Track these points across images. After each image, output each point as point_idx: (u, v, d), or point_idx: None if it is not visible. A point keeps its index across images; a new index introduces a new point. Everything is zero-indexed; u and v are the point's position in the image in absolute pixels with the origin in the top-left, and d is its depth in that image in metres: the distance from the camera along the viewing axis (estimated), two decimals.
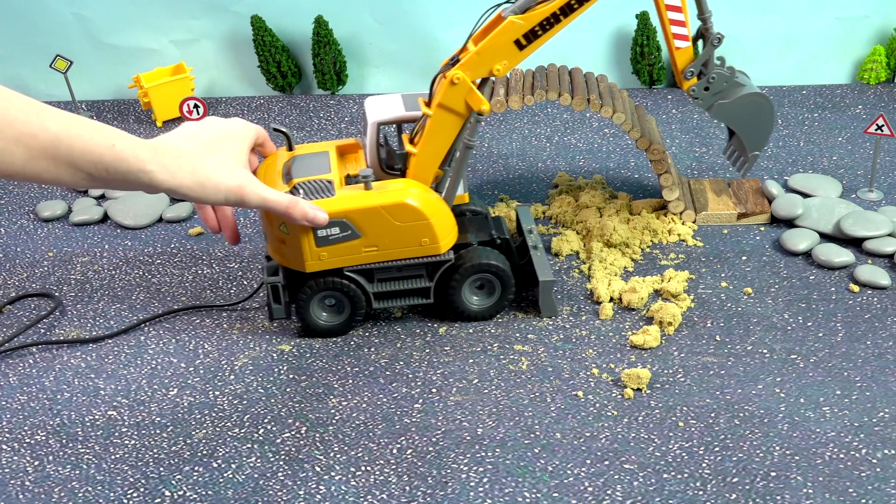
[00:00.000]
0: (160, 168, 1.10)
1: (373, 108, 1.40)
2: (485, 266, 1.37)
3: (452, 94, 1.32)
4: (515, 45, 1.32)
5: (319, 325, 1.38)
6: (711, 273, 1.53)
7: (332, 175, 1.34)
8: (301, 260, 1.31)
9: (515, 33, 1.31)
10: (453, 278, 1.38)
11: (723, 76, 1.48)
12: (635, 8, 2.19)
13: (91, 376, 1.35)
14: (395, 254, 1.33)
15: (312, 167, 1.37)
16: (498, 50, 1.32)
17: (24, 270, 1.62)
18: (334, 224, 1.29)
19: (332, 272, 1.34)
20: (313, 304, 1.36)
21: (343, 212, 1.28)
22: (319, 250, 1.30)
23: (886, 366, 1.30)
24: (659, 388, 1.28)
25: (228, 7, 2.28)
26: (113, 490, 1.14)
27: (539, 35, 1.32)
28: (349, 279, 1.35)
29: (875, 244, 1.55)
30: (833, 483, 1.11)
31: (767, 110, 1.51)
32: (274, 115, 2.23)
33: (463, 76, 1.31)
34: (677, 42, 1.45)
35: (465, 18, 2.28)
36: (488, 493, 1.11)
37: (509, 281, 1.40)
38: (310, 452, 1.19)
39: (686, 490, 1.11)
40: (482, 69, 1.33)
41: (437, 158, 1.37)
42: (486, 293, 1.42)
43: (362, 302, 1.37)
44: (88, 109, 2.31)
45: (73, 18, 2.29)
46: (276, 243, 1.33)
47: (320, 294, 1.35)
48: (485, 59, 1.32)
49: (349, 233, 1.30)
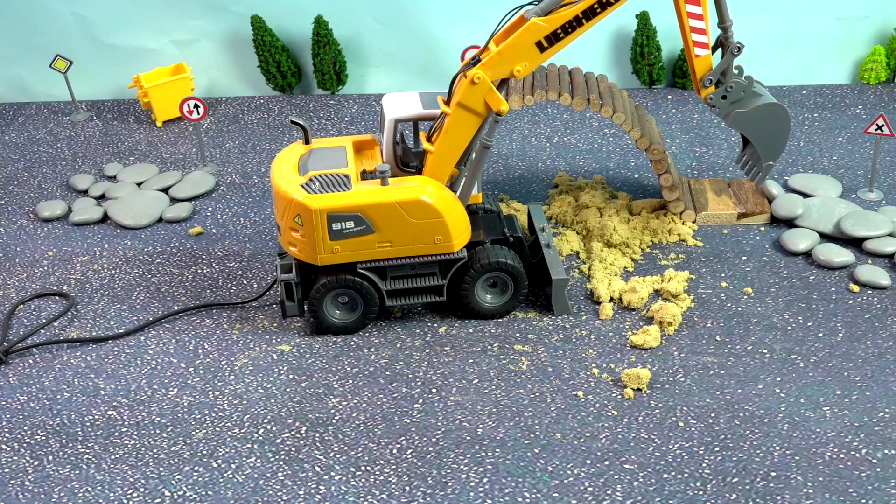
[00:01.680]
0: None
1: (391, 105, 1.41)
2: (498, 264, 1.38)
3: (472, 94, 1.33)
4: (537, 47, 1.33)
5: (333, 323, 1.39)
6: (711, 273, 1.53)
7: (348, 169, 1.35)
8: (314, 253, 1.32)
9: (538, 35, 1.31)
10: (466, 276, 1.38)
11: (741, 85, 1.48)
12: (635, 8, 2.18)
13: (91, 376, 1.35)
14: (408, 250, 1.34)
15: (329, 161, 1.38)
16: (520, 51, 1.32)
17: (24, 270, 1.62)
18: (349, 218, 1.29)
19: (345, 269, 1.34)
20: (326, 302, 1.37)
21: (359, 206, 1.29)
22: (333, 244, 1.31)
23: (886, 366, 1.30)
24: (659, 388, 1.28)
25: (228, 7, 2.28)
26: (113, 490, 1.14)
27: (561, 38, 1.33)
28: (362, 276, 1.35)
29: (875, 244, 1.54)
30: (833, 483, 1.11)
31: (784, 120, 1.51)
32: (274, 115, 2.23)
33: (483, 76, 1.32)
34: (697, 50, 1.45)
35: (465, 18, 2.28)
36: (488, 493, 1.11)
37: (522, 279, 1.40)
38: (310, 452, 1.19)
39: (686, 490, 1.11)
40: (503, 70, 1.34)
41: (454, 157, 1.38)
42: (498, 291, 1.42)
43: (375, 299, 1.37)
44: (88, 109, 2.30)
45: (73, 18, 2.29)
46: (289, 235, 1.33)
47: (333, 292, 1.36)
48: (506, 59, 1.33)
49: (364, 227, 1.31)
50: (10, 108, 2.34)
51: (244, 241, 1.69)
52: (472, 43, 1.86)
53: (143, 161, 2.02)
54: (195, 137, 2.10)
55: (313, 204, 1.29)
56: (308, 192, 1.30)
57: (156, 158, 2.03)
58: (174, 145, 2.09)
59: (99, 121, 2.24)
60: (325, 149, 1.43)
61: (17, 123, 2.24)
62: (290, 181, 1.33)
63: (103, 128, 2.20)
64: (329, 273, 1.35)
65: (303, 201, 1.29)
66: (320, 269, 1.35)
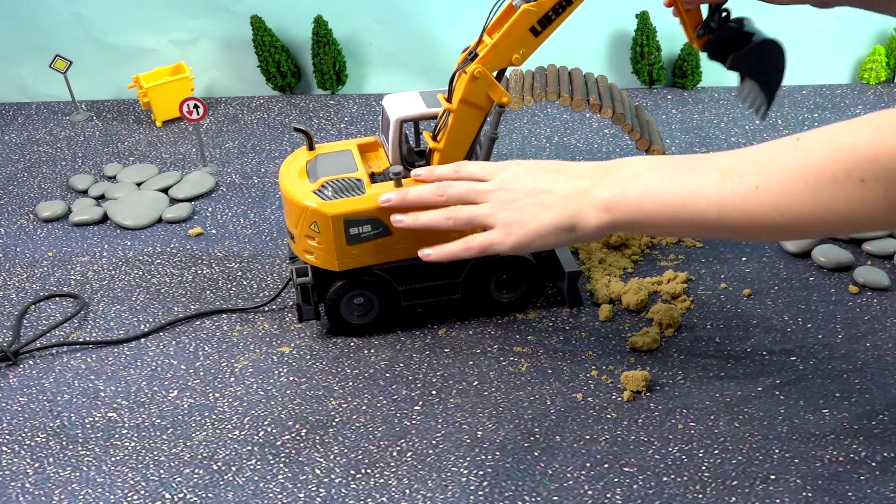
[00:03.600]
0: None
1: (393, 105, 1.41)
2: (511, 259, 1.39)
3: (474, 89, 1.33)
4: (531, 33, 1.33)
5: (351, 324, 1.39)
6: (711, 274, 1.53)
7: (359, 173, 1.35)
8: (332, 259, 1.32)
9: (530, 20, 1.31)
10: (481, 273, 1.39)
11: (731, 29, 1.48)
12: (635, 8, 2.18)
13: (91, 378, 1.35)
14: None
15: (338, 165, 1.38)
16: (515, 39, 1.32)
17: (24, 270, 1.62)
18: (366, 221, 1.29)
19: (361, 271, 1.35)
20: (342, 304, 1.37)
21: (376, 209, 1.29)
22: (350, 248, 1.31)
23: (886, 367, 1.30)
24: (658, 390, 1.28)
25: (228, 7, 2.28)
26: (113, 493, 1.15)
27: (552, 20, 1.33)
28: (378, 278, 1.35)
29: (875, 245, 1.55)
30: (832, 486, 1.11)
31: (779, 53, 1.51)
32: (274, 115, 2.23)
33: (484, 70, 1.32)
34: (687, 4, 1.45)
35: (465, 18, 2.28)
36: (488, 497, 1.12)
37: (536, 273, 1.40)
38: (310, 455, 1.19)
39: (686, 493, 1.11)
40: (501, 60, 1.34)
41: (461, 153, 1.38)
42: (512, 287, 1.42)
43: (391, 300, 1.38)
44: (88, 109, 2.30)
45: (73, 18, 2.29)
46: (305, 243, 1.33)
47: (349, 294, 1.36)
48: (502, 50, 1.33)
49: (380, 230, 1.31)
50: (10, 108, 2.34)
51: (244, 241, 1.69)
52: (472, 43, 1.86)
53: (143, 161, 2.02)
54: (195, 137, 2.10)
55: (329, 210, 1.28)
56: (322, 198, 1.30)
57: (156, 159, 2.03)
58: (174, 145, 2.09)
59: (99, 121, 2.24)
60: (332, 153, 1.43)
61: (16, 123, 2.24)
62: (302, 188, 1.33)
63: (103, 128, 2.20)
64: (344, 275, 1.35)
65: (318, 208, 1.29)
66: (336, 272, 1.35)
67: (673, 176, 1.02)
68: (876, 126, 0.84)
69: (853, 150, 0.85)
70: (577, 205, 1.10)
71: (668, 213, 1.02)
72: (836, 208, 0.88)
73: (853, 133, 0.86)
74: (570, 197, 1.11)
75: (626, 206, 1.06)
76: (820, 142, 0.90)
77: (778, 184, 0.91)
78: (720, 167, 0.98)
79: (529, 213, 1.13)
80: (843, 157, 0.86)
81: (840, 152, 0.86)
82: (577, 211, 1.10)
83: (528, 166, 1.19)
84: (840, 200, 0.87)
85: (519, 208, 1.14)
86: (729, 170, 0.97)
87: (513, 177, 1.18)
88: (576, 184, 1.12)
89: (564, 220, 1.11)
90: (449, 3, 2.21)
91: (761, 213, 0.93)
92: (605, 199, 1.08)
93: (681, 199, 1.00)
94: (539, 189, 1.14)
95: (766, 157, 0.95)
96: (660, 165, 1.05)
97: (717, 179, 0.98)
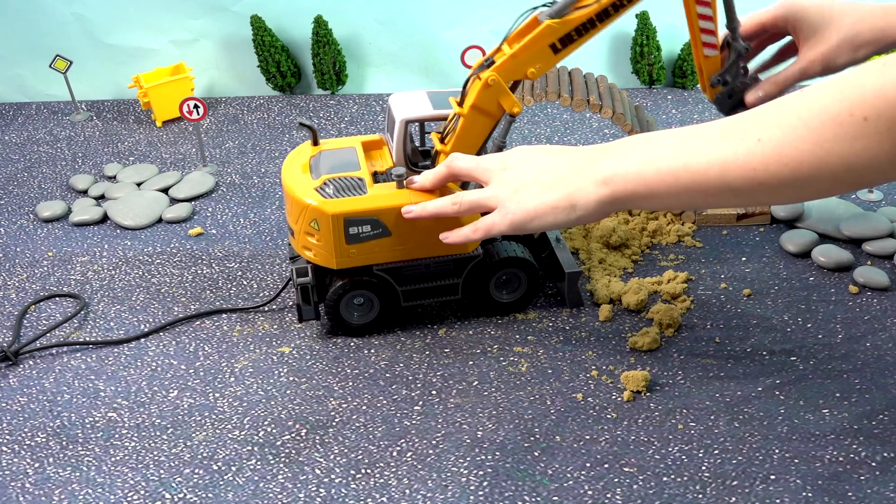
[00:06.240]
0: None
1: (399, 105, 1.40)
2: (511, 260, 1.39)
3: (487, 96, 1.33)
4: (551, 49, 1.32)
5: (352, 324, 1.39)
6: (711, 274, 1.53)
7: (362, 172, 1.35)
8: (331, 257, 1.32)
9: (552, 37, 1.31)
10: (481, 274, 1.39)
11: (746, 85, 1.48)
12: (635, 8, 2.18)
13: (91, 378, 1.35)
14: (423, 252, 1.34)
15: (341, 163, 1.38)
16: (534, 53, 1.32)
17: (24, 270, 1.62)
18: (366, 221, 1.29)
19: (360, 271, 1.35)
20: (342, 304, 1.37)
21: (377, 209, 1.29)
22: (349, 247, 1.31)
23: (886, 367, 1.30)
24: (658, 390, 1.28)
25: (228, 7, 2.28)
26: (113, 493, 1.15)
27: (574, 39, 1.32)
28: (378, 278, 1.35)
29: (875, 245, 1.55)
30: (832, 486, 1.11)
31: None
32: (274, 115, 2.23)
33: (498, 79, 1.32)
34: (706, 50, 1.44)
35: (465, 18, 2.28)
36: (488, 497, 1.11)
37: (536, 273, 1.41)
38: (310, 455, 1.19)
39: (686, 493, 1.11)
40: (517, 72, 1.33)
41: None
42: (512, 287, 1.42)
43: (392, 300, 1.38)
44: (88, 109, 2.30)
45: (73, 18, 2.29)
46: (304, 239, 1.33)
47: (350, 294, 1.36)
48: (520, 62, 1.32)
49: (380, 230, 1.31)
50: (10, 108, 2.34)
51: (244, 241, 1.69)
52: (473, 43, 1.86)
53: (143, 161, 2.02)
54: (195, 137, 2.10)
55: (329, 209, 1.28)
56: (323, 196, 1.30)
57: (156, 159, 2.03)
58: (174, 145, 2.09)
59: (99, 121, 2.24)
60: (335, 150, 1.43)
61: (16, 123, 2.24)
62: (304, 185, 1.33)
63: (103, 128, 2.20)
64: (344, 275, 1.35)
65: (318, 206, 1.29)
66: (335, 271, 1.35)
67: (674, 142, 1.02)
68: (883, 63, 0.84)
69: (858, 88, 0.85)
70: (576, 182, 1.10)
71: (670, 180, 1.01)
72: (840, 152, 0.86)
73: (859, 73, 0.86)
74: (570, 175, 1.12)
75: (626, 177, 1.06)
76: (825, 86, 0.89)
77: (780, 132, 0.91)
78: (721, 127, 0.99)
79: (528, 194, 1.14)
80: (848, 97, 0.85)
81: (844, 92, 0.86)
82: (576, 188, 1.10)
83: (532, 150, 1.20)
84: (844, 142, 0.86)
85: (518, 189, 1.15)
86: (730, 127, 0.97)
87: (517, 160, 1.19)
88: (575, 163, 1.12)
89: (563, 198, 1.11)
90: (449, 3, 2.21)
91: (763, 166, 0.93)
92: (605, 172, 1.08)
93: (681, 161, 1.00)
94: (540, 170, 1.15)
95: (768, 110, 0.95)
96: (660, 136, 1.05)
97: (718, 139, 0.97)
